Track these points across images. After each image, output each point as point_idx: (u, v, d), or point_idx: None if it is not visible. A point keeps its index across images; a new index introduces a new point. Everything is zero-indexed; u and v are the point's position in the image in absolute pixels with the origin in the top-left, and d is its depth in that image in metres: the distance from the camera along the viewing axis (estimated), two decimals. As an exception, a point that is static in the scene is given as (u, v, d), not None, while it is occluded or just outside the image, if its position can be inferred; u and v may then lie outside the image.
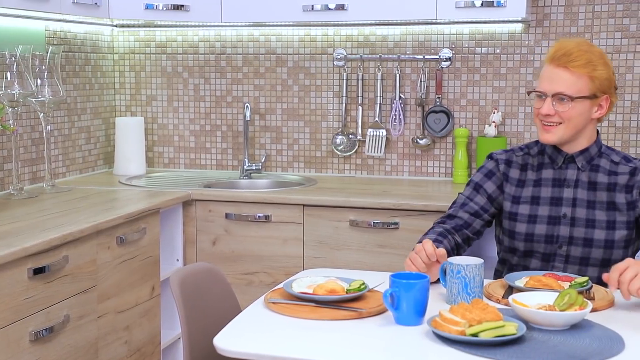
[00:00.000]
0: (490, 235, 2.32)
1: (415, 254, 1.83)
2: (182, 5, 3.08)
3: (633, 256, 2.02)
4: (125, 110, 3.59)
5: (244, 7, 3.08)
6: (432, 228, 2.09)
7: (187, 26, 3.44)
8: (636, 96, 3.03)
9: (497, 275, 2.15)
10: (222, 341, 1.56)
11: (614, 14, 3.02)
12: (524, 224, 2.04)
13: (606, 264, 1.97)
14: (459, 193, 2.18)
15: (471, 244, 2.14)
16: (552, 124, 1.98)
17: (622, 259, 1.96)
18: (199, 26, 3.43)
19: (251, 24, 3.32)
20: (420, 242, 1.96)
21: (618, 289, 1.71)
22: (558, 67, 1.96)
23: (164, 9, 3.08)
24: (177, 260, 2.95)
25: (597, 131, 2.07)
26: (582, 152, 2.02)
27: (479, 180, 2.13)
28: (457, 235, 2.06)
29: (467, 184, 2.17)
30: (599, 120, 2.05)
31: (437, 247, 1.83)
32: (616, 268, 1.70)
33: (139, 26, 3.50)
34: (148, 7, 3.08)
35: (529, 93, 2.08)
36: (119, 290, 2.49)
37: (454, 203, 2.16)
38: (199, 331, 1.88)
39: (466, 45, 3.19)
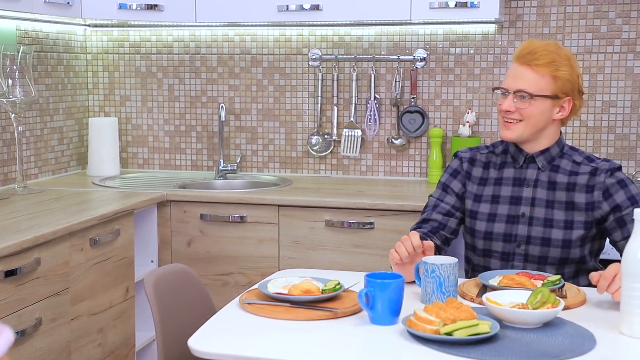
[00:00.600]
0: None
1: (400, 242, 1.84)
2: (156, 5, 3.06)
3: (591, 254, 2.03)
4: (98, 111, 3.55)
5: (218, 7, 3.07)
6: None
7: (161, 26, 3.42)
8: (607, 96, 3.07)
9: (465, 273, 2.17)
10: (197, 342, 1.56)
11: (585, 15, 3.05)
12: (484, 222, 2.06)
13: (564, 263, 2.00)
14: (430, 196, 2.20)
15: (450, 244, 2.16)
16: (512, 121, 2.01)
17: (579, 257, 1.99)
18: (173, 26, 3.41)
19: (226, 24, 3.31)
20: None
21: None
22: (522, 65, 1.99)
23: (138, 8, 3.06)
24: (152, 261, 2.93)
25: (560, 132, 2.08)
26: (543, 152, 2.04)
27: (445, 181, 2.16)
28: (435, 237, 2.08)
29: (437, 186, 2.20)
30: (563, 122, 2.06)
31: (425, 240, 1.87)
32: (605, 277, 1.72)
33: (112, 26, 3.47)
34: (121, 6, 3.05)
35: (493, 90, 2.11)
36: (93, 292, 2.47)
37: (426, 207, 2.18)
38: (174, 333, 1.87)
39: (440, 45, 3.20)
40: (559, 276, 1.81)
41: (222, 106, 3.32)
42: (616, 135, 3.08)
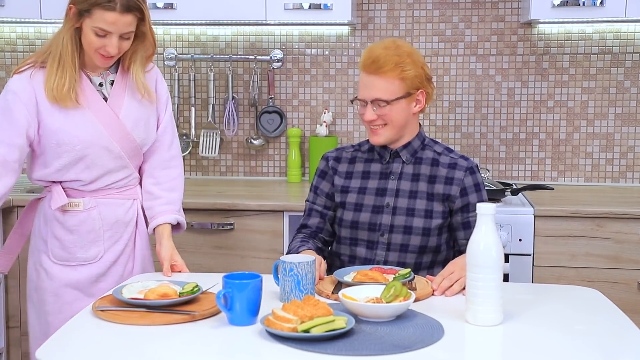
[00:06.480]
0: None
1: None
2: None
3: (447, 244, 2.14)
4: None
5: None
6: (294, 239, 2.18)
7: None
8: (453, 97, 3.23)
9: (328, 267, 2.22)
10: (45, 354, 1.48)
11: (431, 19, 3.20)
12: (351, 212, 2.13)
13: (423, 250, 2.10)
14: (306, 200, 2.24)
15: (332, 244, 2.22)
16: (378, 127, 2.08)
17: (436, 245, 2.10)
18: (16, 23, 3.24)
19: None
20: (290, 249, 2.08)
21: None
22: (370, 74, 2.04)
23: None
24: None
25: (420, 124, 2.17)
26: (405, 146, 2.13)
27: (315, 183, 2.22)
28: (315, 241, 2.17)
29: (310, 189, 2.24)
30: (421, 111, 2.15)
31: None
32: (441, 274, 1.82)
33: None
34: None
35: (352, 101, 2.17)
36: None
37: (304, 212, 2.24)
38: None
39: (296, 46, 3.24)
40: (408, 270, 1.89)
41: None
42: (462, 134, 3.25)
